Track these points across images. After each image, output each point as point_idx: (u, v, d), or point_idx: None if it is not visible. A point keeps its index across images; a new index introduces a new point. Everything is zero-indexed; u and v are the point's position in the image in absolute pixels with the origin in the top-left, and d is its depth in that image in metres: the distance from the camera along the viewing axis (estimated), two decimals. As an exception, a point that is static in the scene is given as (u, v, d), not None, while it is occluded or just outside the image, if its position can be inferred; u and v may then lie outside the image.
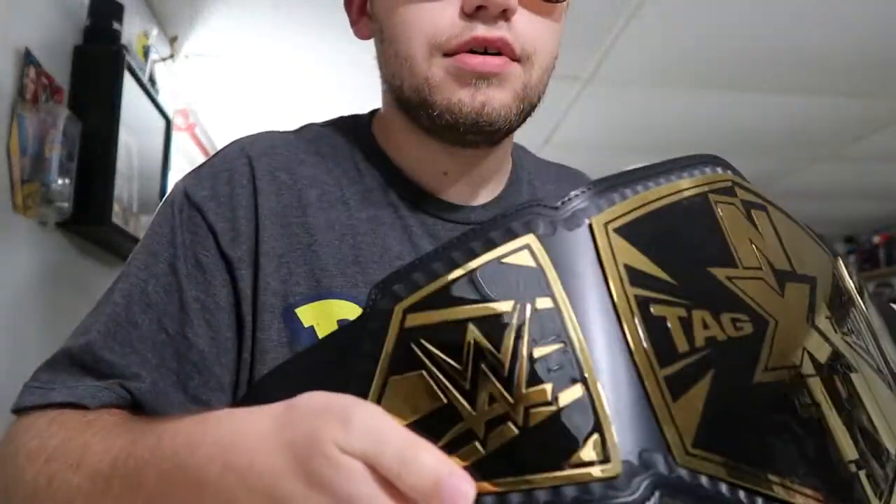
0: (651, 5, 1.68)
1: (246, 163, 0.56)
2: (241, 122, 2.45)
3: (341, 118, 0.64)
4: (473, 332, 0.31)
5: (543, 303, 0.31)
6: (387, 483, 0.27)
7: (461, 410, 0.30)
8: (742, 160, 2.17)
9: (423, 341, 0.31)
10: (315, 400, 0.31)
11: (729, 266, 0.36)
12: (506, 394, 0.30)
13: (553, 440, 0.29)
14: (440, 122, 0.53)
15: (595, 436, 0.28)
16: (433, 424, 0.30)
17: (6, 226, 1.05)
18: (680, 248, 0.36)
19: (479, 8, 0.50)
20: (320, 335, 0.51)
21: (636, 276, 0.33)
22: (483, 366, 0.30)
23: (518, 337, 0.31)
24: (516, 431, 0.29)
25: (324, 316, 0.52)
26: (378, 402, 0.31)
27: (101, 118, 1.23)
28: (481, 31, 0.51)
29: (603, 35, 1.83)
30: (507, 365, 0.30)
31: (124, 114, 1.28)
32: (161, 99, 1.54)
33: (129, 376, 0.49)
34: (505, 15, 0.51)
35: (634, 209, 0.35)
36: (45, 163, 1.10)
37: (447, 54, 0.52)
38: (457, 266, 0.33)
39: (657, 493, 0.28)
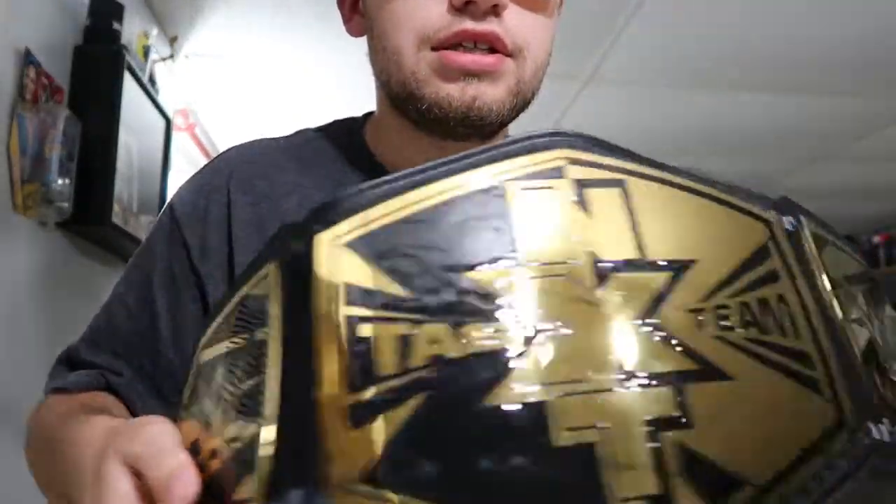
0: (651, 5, 1.68)
1: (225, 176, 0.58)
2: (241, 122, 2.45)
3: (335, 121, 0.64)
4: (219, 369, 0.34)
5: (260, 335, 0.31)
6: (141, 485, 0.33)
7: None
8: (742, 160, 2.19)
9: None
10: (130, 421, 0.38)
11: (502, 267, 0.31)
12: (215, 429, 0.32)
13: (227, 477, 0.30)
14: (429, 115, 0.52)
15: (255, 475, 0.28)
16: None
17: (6, 226, 1.05)
18: (435, 253, 0.32)
19: (469, 3, 0.49)
20: None
21: (357, 294, 0.30)
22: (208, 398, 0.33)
23: (230, 368, 0.32)
24: (218, 465, 0.31)
25: None
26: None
27: (101, 118, 1.23)
28: (470, 24, 0.50)
29: (603, 35, 1.83)
30: (216, 401, 0.32)
31: (124, 114, 1.28)
32: (161, 99, 1.54)
33: (113, 371, 0.56)
34: (495, 10, 0.50)
35: (386, 214, 0.32)
36: (45, 163, 1.10)
37: (435, 48, 0.51)
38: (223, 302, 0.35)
39: None
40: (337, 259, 0.31)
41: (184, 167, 2.47)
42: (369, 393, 0.28)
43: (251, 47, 1.86)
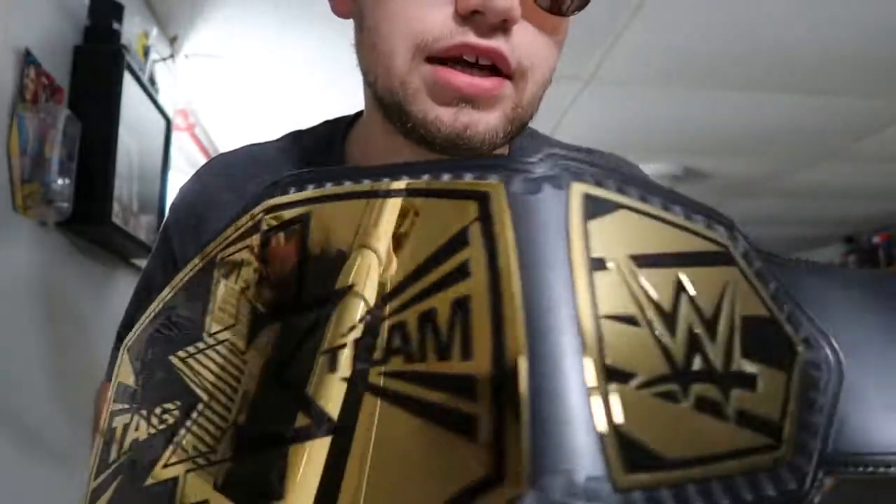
0: (651, 5, 1.68)
1: (200, 188, 0.59)
2: (241, 122, 2.45)
3: (324, 122, 0.61)
4: None
5: None
6: None
7: None
8: (742, 160, 2.19)
9: None
10: None
11: (194, 342, 0.31)
12: None
13: None
14: (413, 134, 0.47)
15: None
16: None
17: (6, 226, 1.05)
18: (160, 342, 0.33)
19: (476, 13, 0.43)
20: None
21: (118, 391, 0.34)
22: None
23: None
24: None
25: None
26: None
27: (101, 118, 1.23)
28: (473, 38, 0.44)
29: (603, 35, 1.83)
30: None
31: (124, 114, 1.28)
32: (161, 99, 1.54)
33: None
34: (504, 25, 0.44)
35: (167, 297, 0.33)
36: (45, 163, 1.10)
37: (431, 59, 0.45)
38: None
39: None
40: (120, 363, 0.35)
41: (184, 167, 2.47)
42: (95, 483, 0.32)
43: (251, 47, 1.86)
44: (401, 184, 0.27)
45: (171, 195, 1.69)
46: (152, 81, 1.53)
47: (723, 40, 1.87)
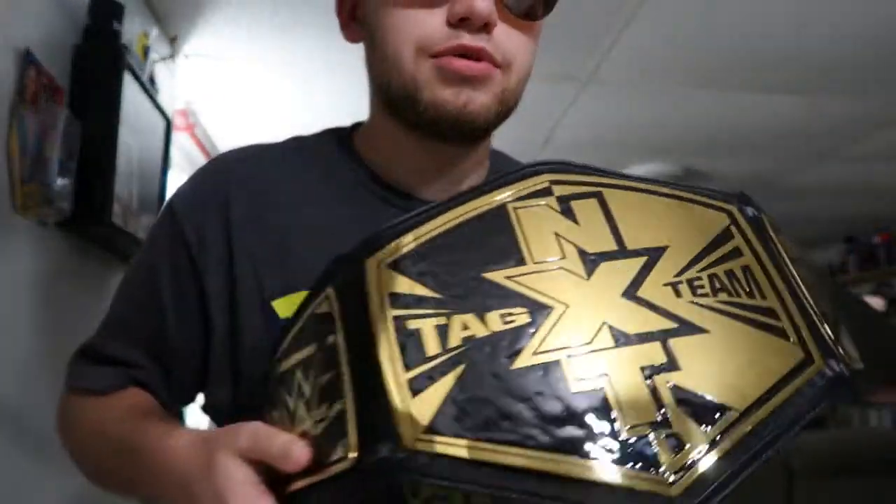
0: (651, 5, 1.68)
1: (221, 177, 0.63)
2: (241, 122, 2.45)
3: (326, 130, 0.69)
4: (297, 373, 0.45)
5: (330, 340, 0.42)
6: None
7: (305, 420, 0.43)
8: (742, 160, 2.19)
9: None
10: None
11: (513, 266, 0.42)
12: (300, 419, 0.43)
13: (321, 449, 0.40)
14: (425, 116, 0.57)
15: (343, 439, 0.38)
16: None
17: (6, 226, 1.05)
18: (456, 263, 0.42)
19: (463, 19, 0.55)
20: None
21: (398, 300, 0.41)
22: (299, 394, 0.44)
23: (307, 370, 0.44)
24: (310, 443, 0.41)
25: (295, 307, 0.54)
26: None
27: (101, 118, 1.23)
28: (466, 39, 0.55)
29: (603, 35, 1.83)
30: (298, 397, 0.44)
31: (124, 114, 1.28)
32: (161, 99, 1.54)
33: (132, 364, 0.62)
34: (486, 28, 0.56)
35: (416, 239, 0.43)
36: (45, 163, 1.10)
37: (434, 55, 0.56)
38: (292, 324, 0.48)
39: (387, 473, 0.37)
40: (382, 277, 0.41)
41: (184, 167, 2.47)
42: (421, 369, 0.38)
43: (251, 47, 1.86)
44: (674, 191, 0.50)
45: (171, 194, 1.69)
46: (152, 81, 1.53)
47: (723, 40, 1.87)
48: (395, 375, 0.38)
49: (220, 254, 0.60)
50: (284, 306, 0.57)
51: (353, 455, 0.37)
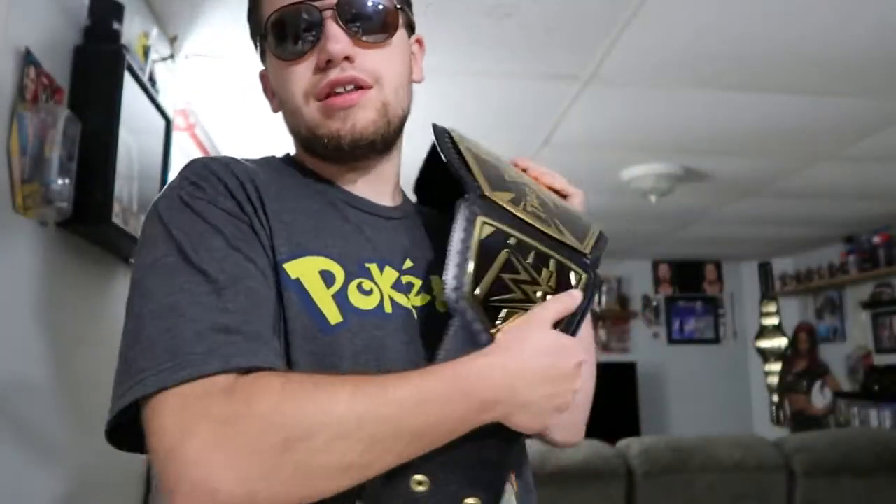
0: (651, 5, 1.68)
1: (233, 162, 0.70)
2: (241, 122, 2.45)
3: (272, 156, 0.79)
4: (505, 276, 0.67)
5: (512, 240, 0.69)
6: None
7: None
8: (742, 160, 2.19)
9: None
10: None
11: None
12: (539, 280, 0.69)
13: (565, 286, 0.72)
14: (330, 147, 0.71)
15: (572, 270, 0.73)
16: None
17: (6, 226, 1.05)
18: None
19: (328, 62, 0.68)
20: (305, 285, 0.64)
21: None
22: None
23: (513, 267, 0.68)
24: (553, 286, 0.70)
25: (305, 269, 0.65)
26: None
27: (101, 118, 1.23)
28: (334, 75, 0.69)
29: (603, 35, 1.83)
30: (527, 275, 0.68)
31: (124, 114, 1.28)
32: (161, 99, 1.54)
33: (267, 339, 0.59)
34: (348, 59, 0.69)
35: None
36: (45, 163, 1.10)
37: (319, 98, 0.70)
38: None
39: (596, 267, 0.73)
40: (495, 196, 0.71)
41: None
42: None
43: (251, 47, 1.86)
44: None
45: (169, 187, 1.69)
46: (152, 81, 1.53)
47: (723, 40, 1.87)
48: (560, 234, 0.73)
49: (261, 214, 0.66)
50: (294, 269, 0.64)
51: (584, 275, 0.71)
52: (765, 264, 5.68)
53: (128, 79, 1.30)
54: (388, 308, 0.67)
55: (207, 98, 2.22)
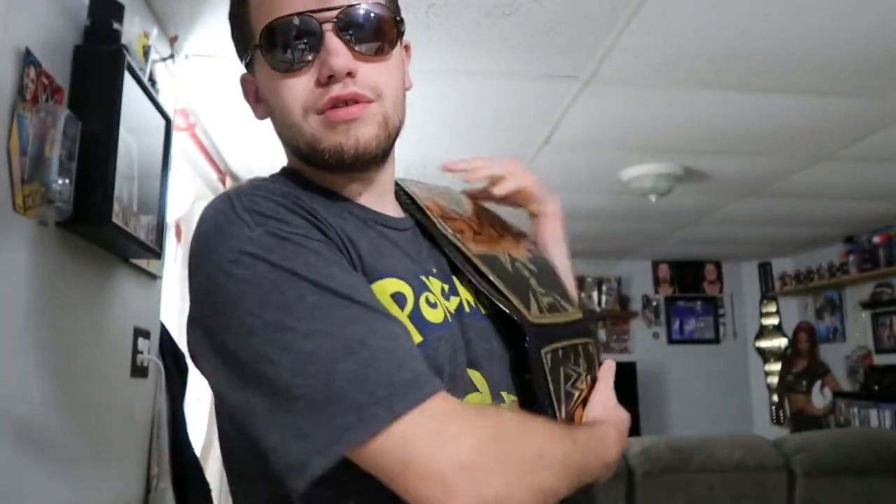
0: (651, 5, 1.68)
1: (280, 188, 0.67)
2: (241, 122, 2.45)
3: (261, 177, 0.74)
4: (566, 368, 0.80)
5: (581, 349, 0.83)
6: None
7: None
8: (742, 160, 2.19)
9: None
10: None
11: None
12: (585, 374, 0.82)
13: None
14: (331, 161, 0.69)
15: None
16: None
17: (6, 226, 1.05)
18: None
19: (330, 78, 0.67)
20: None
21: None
22: None
23: (575, 364, 0.81)
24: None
25: (380, 293, 0.65)
26: None
27: (101, 118, 1.23)
28: (336, 90, 0.67)
29: (603, 35, 1.83)
30: (582, 368, 0.82)
31: (124, 114, 1.28)
32: (161, 99, 1.54)
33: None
34: (350, 75, 0.67)
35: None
36: (45, 163, 1.10)
37: (319, 112, 0.68)
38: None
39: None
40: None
41: (184, 167, 2.46)
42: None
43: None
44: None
45: (171, 195, 1.69)
46: (152, 81, 1.53)
47: (723, 40, 1.87)
48: (570, 312, 0.84)
49: (340, 243, 0.66)
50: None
51: (594, 340, 0.85)
52: (765, 264, 5.68)
53: (128, 79, 1.30)
54: (448, 318, 0.70)
55: (207, 98, 2.22)
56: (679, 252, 5.43)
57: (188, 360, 1.96)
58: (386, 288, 0.65)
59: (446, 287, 0.74)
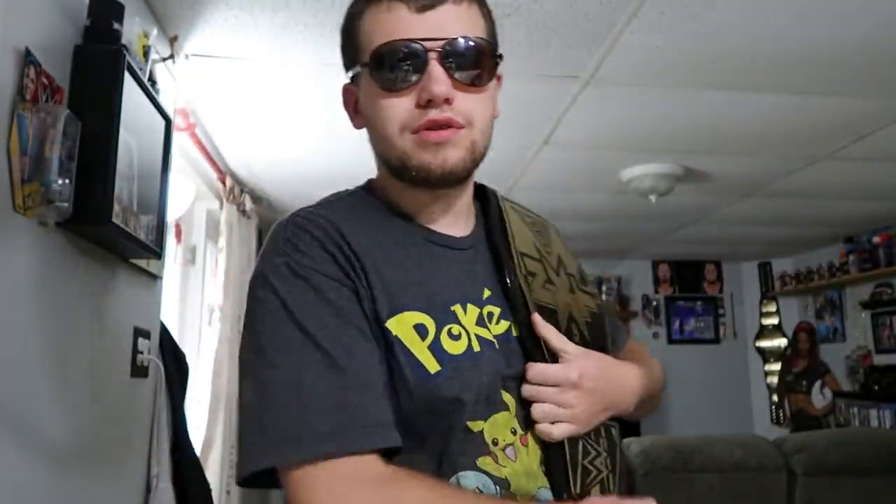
0: (651, 5, 1.68)
1: (323, 221, 0.76)
2: (241, 123, 2.45)
3: (344, 191, 0.85)
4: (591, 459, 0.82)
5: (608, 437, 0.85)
6: None
7: None
8: (742, 160, 2.19)
9: None
10: None
11: None
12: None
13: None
14: (418, 177, 0.76)
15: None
16: None
17: (6, 226, 1.05)
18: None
19: (429, 101, 0.74)
20: (404, 341, 0.72)
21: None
22: None
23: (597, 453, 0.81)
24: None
25: (403, 326, 0.73)
26: None
27: (101, 118, 1.23)
28: (433, 114, 0.74)
29: (603, 35, 1.83)
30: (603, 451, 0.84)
31: (124, 114, 1.28)
32: (161, 99, 1.54)
33: (383, 424, 0.69)
34: (447, 101, 0.74)
35: None
36: (45, 163, 1.10)
37: (414, 131, 0.75)
38: None
39: None
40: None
41: (184, 167, 2.46)
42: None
43: (251, 48, 1.87)
44: None
45: (171, 195, 1.69)
46: (152, 81, 1.53)
47: (723, 40, 1.87)
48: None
49: (360, 273, 0.74)
50: (394, 325, 0.73)
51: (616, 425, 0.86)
52: (765, 264, 5.68)
53: (128, 79, 1.30)
54: (476, 347, 0.75)
55: (207, 98, 2.22)
56: (679, 252, 5.43)
57: (188, 361, 1.96)
58: (409, 320, 0.74)
59: (496, 311, 0.80)
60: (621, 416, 0.85)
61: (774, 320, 5.57)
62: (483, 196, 0.92)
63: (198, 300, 2.95)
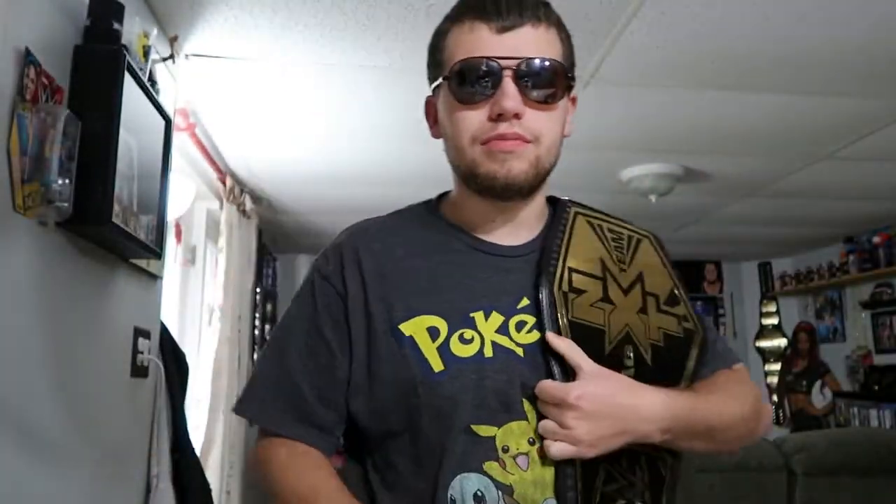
0: (651, 5, 1.68)
1: (352, 244, 0.88)
2: (241, 123, 2.45)
3: (418, 203, 0.95)
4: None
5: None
6: None
7: None
8: (742, 160, 2.19)
9: None
10: None
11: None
12: None
13: None
14: (484, 185, 0.82)
15: None
16: None
17: (6, 226, 1.05)
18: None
19: (500, 115, 0.78)
20: (416, 341, 0.80)
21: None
22: None
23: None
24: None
25: (417, 327, 0.80)
26: None
27: (100, 118, 1.23)
28: (503, 129, 0.79)
29: (603, 35, 1.83)
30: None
31: (124, 114, 1.28)
32: (161, 99, 1.54)
33: (328, 427, 0.86)
34: (517, 116, 0.79)
35: None
36: (45, 163, 1.10)
37: (483, 143, 0.80)
38: None
39: None
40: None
41: (184, 167, 2.46)
42: None
43: (251, 47, 1.87)
44: None
45: (172, 195, 1.69)
46: (152, 81, 1.53)
47: (722, 40, 1.87)
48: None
49: (360, 298, 0.84)
50: (408, 328, 0.81)
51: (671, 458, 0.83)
52: (765, 264, 5.68)
53: (128, 79, 1.30)
54: (488, 353, 0.79)
55: (207, 98, 2.22)
56: (679, 252, 5.42)
57: (188, 360, 1.96)
58: (424, 322, 0.81)
59: (530, 321, 0.81)
60: (669, 448, 0.81)
61: (774, 320, 5.57)
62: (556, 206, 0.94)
63: (198, 300, 2.95)
